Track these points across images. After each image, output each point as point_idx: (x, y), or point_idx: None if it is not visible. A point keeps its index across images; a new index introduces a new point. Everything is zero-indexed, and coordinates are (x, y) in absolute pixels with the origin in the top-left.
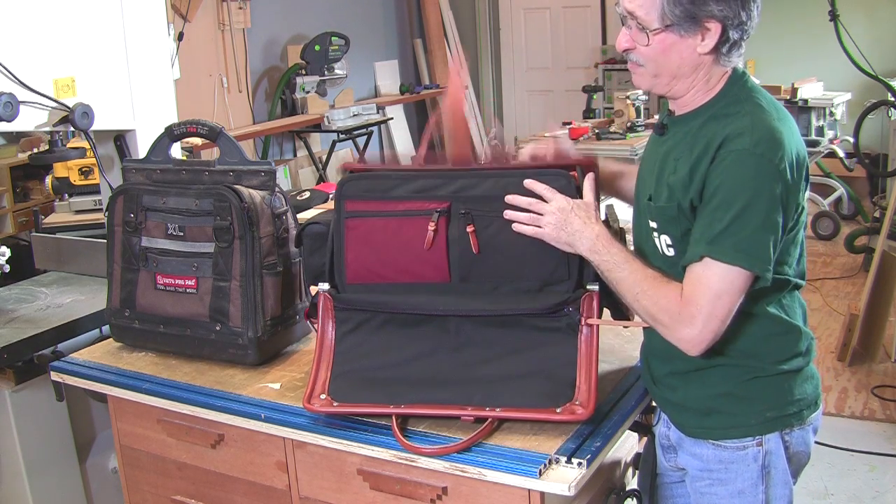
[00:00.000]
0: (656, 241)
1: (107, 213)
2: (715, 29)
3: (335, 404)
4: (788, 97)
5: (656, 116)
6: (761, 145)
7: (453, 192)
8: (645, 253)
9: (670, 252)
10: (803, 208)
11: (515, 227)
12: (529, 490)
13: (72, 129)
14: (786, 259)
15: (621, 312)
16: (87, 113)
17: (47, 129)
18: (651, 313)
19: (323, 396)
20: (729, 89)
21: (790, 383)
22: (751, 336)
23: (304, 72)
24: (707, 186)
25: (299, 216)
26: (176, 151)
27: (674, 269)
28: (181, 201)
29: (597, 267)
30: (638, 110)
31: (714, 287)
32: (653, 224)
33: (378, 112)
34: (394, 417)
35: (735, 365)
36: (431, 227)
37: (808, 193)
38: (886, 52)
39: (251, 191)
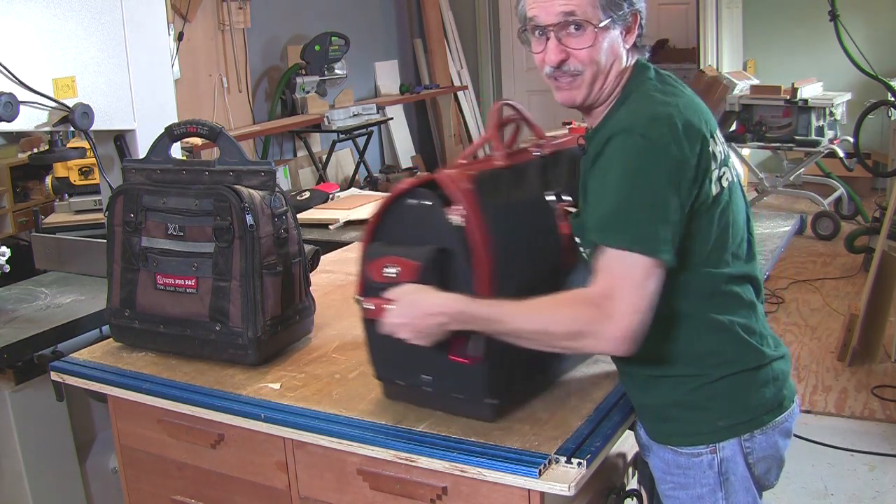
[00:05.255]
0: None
1: (107, 213)
2: (636, 20)
3: None
4: (788, 97)
5: None
6: (640, 127)
7: None
8: None
9: None
10: (723, 187)
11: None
12: (529, 490)
13: (72, 129)
14: (714, 249)
15: None
16: (87, 113)
17: (47, 129)
18: (572, 331)
19: None
20: (630, 86)
21: (743, 390)
22: (690, 340)
23: (304, 72)
24: (591, 178)
25: (299, 216)
26: (176, 151)
27: None
28: (181, 201)
29: (487, 331)
30: None
31: (616, 274)
32: (577, 239)
33: (378, 112)
34: None
35: (679, 374)
36: None
37: (725, 169)
38: (886, 52)
39: (251, 191)
